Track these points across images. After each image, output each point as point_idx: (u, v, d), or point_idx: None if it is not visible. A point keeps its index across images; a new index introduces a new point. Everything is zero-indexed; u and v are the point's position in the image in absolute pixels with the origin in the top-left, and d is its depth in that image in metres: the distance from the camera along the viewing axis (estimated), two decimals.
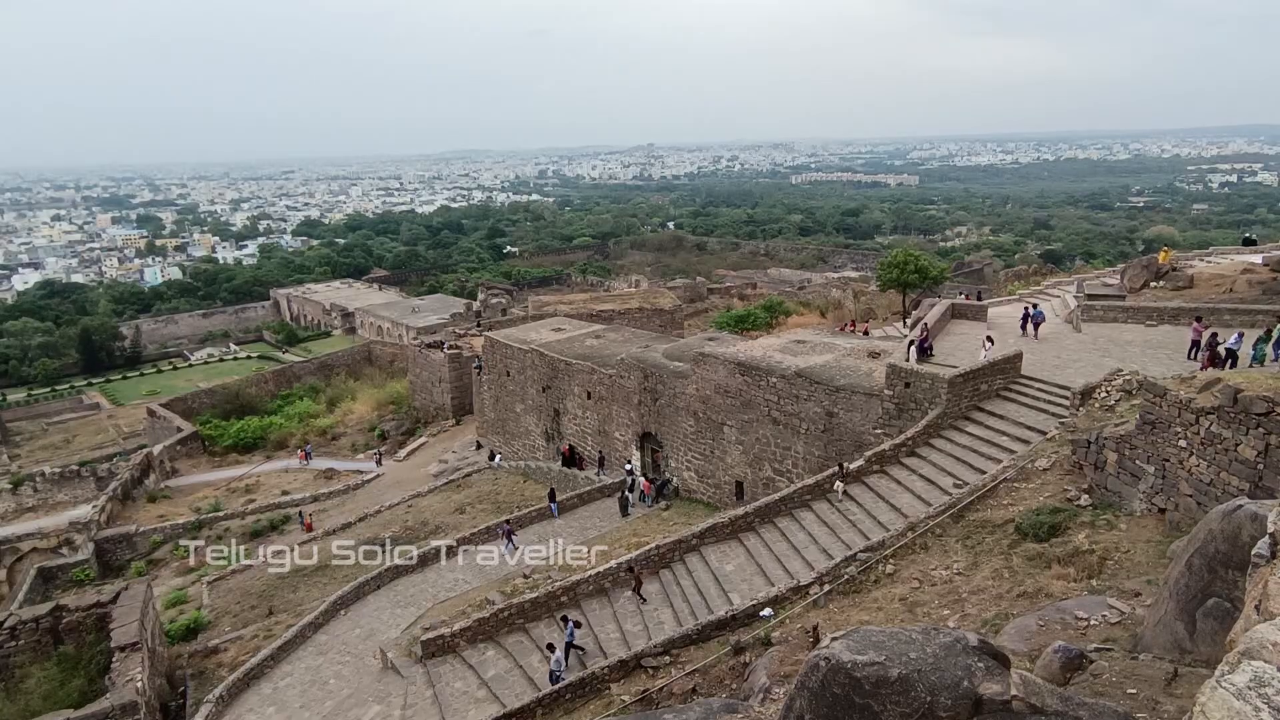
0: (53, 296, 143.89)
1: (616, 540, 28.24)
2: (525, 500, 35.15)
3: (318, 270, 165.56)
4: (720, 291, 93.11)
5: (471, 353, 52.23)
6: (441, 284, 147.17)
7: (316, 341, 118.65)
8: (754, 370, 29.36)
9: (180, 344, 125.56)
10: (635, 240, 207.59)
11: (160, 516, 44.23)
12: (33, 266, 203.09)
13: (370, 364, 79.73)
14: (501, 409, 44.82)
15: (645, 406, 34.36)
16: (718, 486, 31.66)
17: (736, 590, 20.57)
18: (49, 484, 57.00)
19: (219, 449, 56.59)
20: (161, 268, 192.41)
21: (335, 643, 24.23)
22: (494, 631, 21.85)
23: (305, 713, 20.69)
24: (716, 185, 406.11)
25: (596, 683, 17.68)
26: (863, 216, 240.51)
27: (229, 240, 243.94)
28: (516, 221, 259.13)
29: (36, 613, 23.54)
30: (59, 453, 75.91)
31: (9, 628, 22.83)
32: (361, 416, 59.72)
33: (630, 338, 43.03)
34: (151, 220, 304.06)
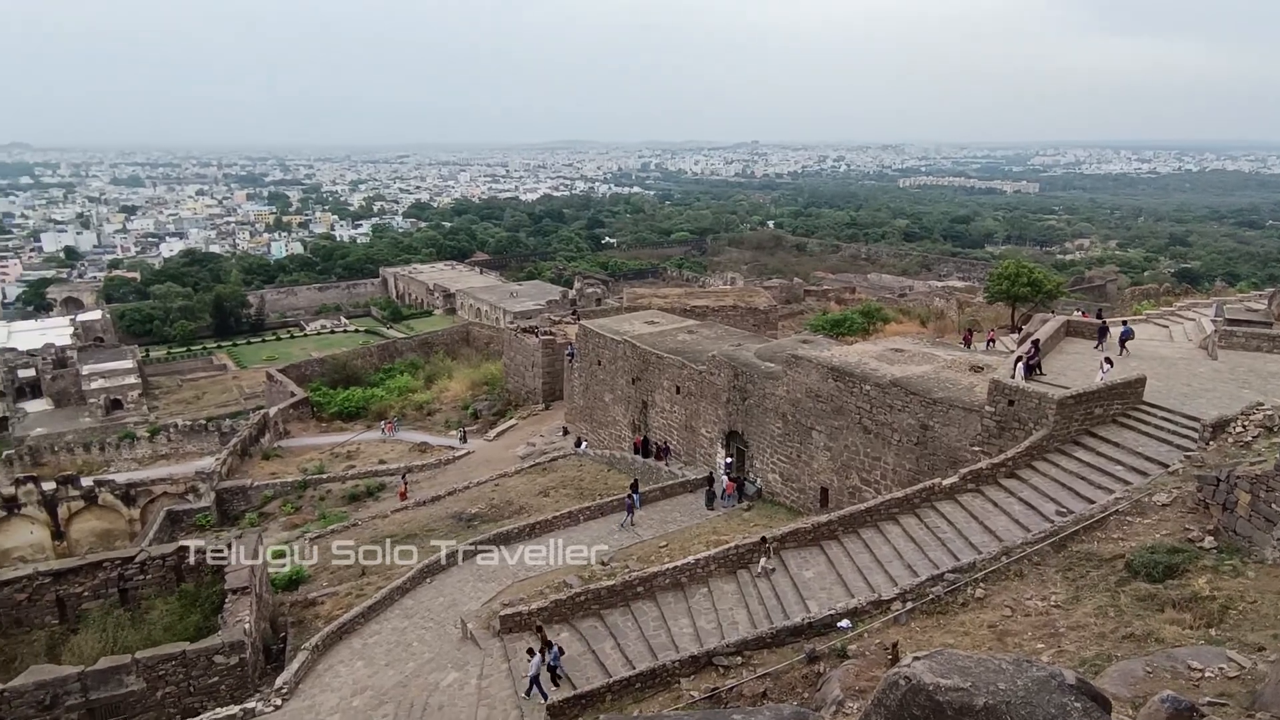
0: (193, 264, 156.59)
1: (695, 537, 28.23)
2: (608, 489, 35.61)
3: (424, 251, 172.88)
4: (817, 294, 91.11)
5: (565, 340, 53.29)
6: (540, 271, 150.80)
7: (419, 320, 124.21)
8: (847, 376, 28.63)
9: (298, 314, 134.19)
10: (733, 238, 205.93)
11: (272, 473, 47.46)
12: (178, 236, 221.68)
13: (468, 344, 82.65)
14: (590, 397, 45.55)
15: (733, 405, 34.13)
16: (802, 491, 31.11)
17: (814, 598, 20.19)
18: (180, 435, 62.35)
19: (325, 415, 60.11)
20: (286, 242, 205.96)
21: (420, 608, 25.36)
22: (569, 614, 22.31)
23: (390, 670, 21.78)
24: (820, 185, 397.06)
25: (667, 675, 17.77)
26: (974, 224, 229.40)
27: (346, 219, 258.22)
28: (616, 213, 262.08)
29: (164, 551, 25.78)
30: (190, 407, 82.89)
31: (139, 563, 25.13)
32: (456, 395, 62.02)
33: (722, 335, 42.80)
34: (280, 198, 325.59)
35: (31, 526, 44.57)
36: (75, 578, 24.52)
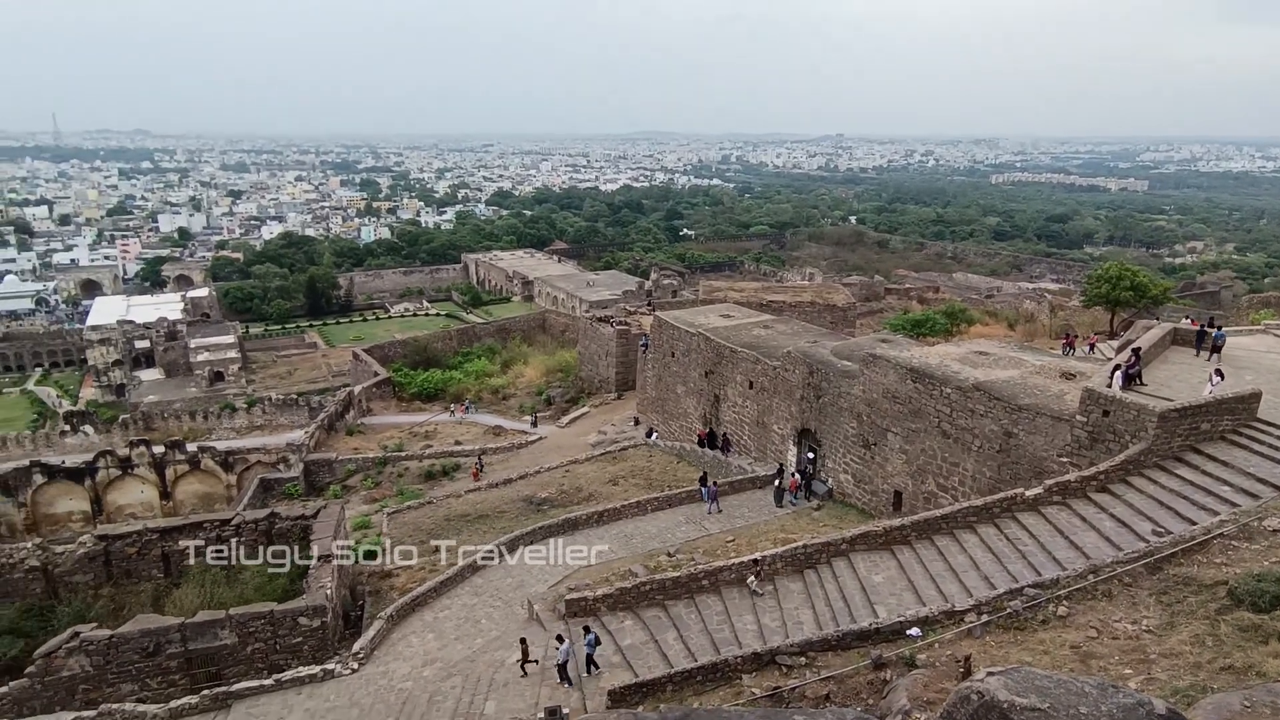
0: (290, 246, 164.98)
1: (762, 533, 27.97)
2: (677, 481, 35.65)
3: (505, 239, 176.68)
4: (898, 292, 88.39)
5: (639, 330, 53.51)
6: (617, 261, 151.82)
7: (497, 305, 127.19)
8: (927, 378, 27.69)
9: (383, 297, 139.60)
10: (814, 232, 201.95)
11: (355, 449, 49.64)
12: (277, 219, 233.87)
13: (543, 331, 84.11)
14: (663, 388, 45.63)
15: (807, 403, 33.55)
16: (874, 493, 30.35)
17: (883, 603, 19.69)
18: (274, 408, 65.93)
19: (406, 395, 62.34)
20: (375, 227, 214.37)
21: (489, 587, 26.08)
22: (634, 603, 22.49)
23: (458, 644, 22.51)
24: (906, 181, 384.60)
25: (729, 670, 17.69)
26: (1071, 223, 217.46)
27: (432, 206, 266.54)
28: (695, 205, 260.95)
29: (256, 516, 27.41)
30: (283, 382, 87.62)
31: (235, 525, 26.81)
32: (531, 381, 63.23)
33: (799, 331, 42.09)
34: (371, 185, 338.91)
35: (142, 486, 48.14)
36: (180, 535, 26.37)
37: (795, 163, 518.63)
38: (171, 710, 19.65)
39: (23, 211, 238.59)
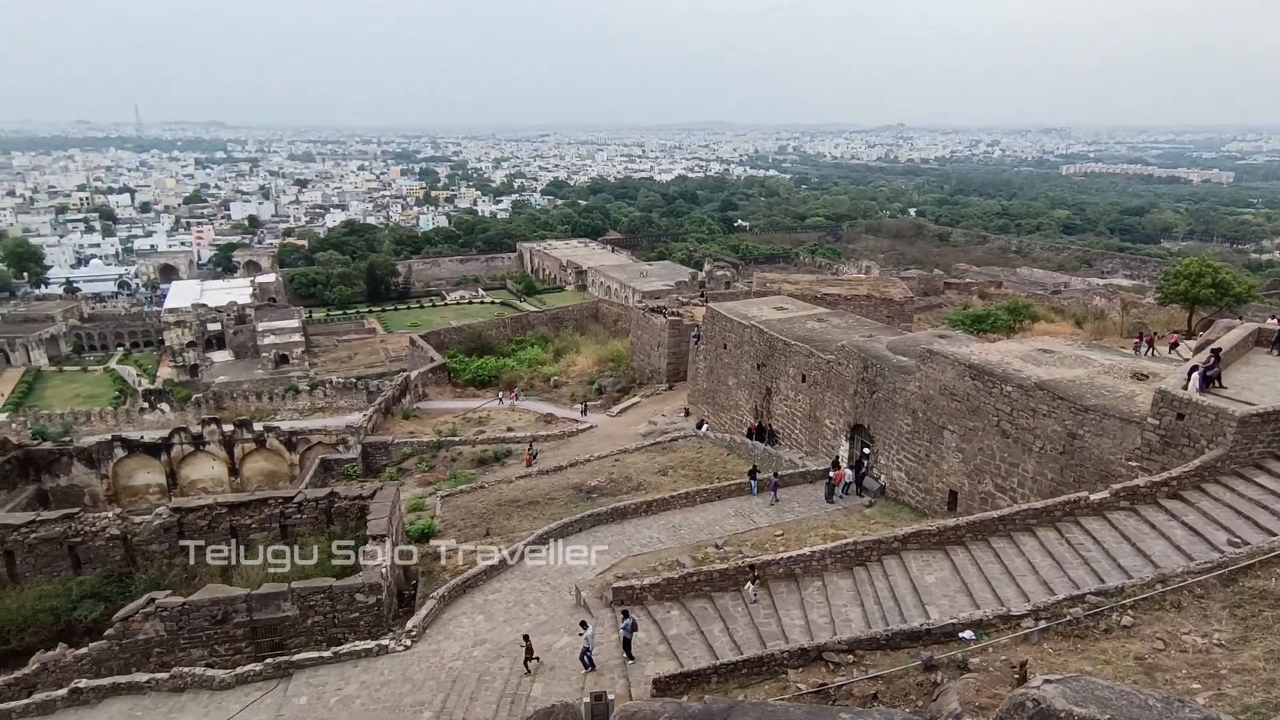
0: (351, 234, 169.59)
1: (812, 529, 27.68)
2: (726, 473, 35.53)
3: (559, 228, 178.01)
4: (959, 287, 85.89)
5: (692, 322, 53.37)
6: (670, 251, 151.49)
7: (551, 294, 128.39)
8: (987, 375, 26.87)
9: (440, 284, 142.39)
10: (871, 225, 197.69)
11: (410, 432, 50.92)
12: (340, 207, 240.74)
13: (596, 321, 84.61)
14: (714, 380, 45.45)
15: (860, 398, 32.98)
16: (928, 492, 29.68)
17: (935, 604, 19.28)
18: (334, 391, 68.08)
19: (460, 381, 63.59)
20: (433, 216, 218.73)
21: (538, 572, 26.48)
22: (680, 593, 22.55)
23: (507, 627, 22.94)
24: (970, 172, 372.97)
25: (774, 665, 17.59)
26: (1148, 217, 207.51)
27: (488, 195, 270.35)
28: (750, 196, 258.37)
29: (317, 495, 28.42)
30: (343, 366, 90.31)
31: (297, 502, 27.86)
32: (583, 369, 63.73)
33: (854, 325, 41.35)
34: (430, 174, 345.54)
35: (213, 462, 50.38)
36: (246, 510, 27.54)
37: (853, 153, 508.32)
38: (238, 676, 20.60)
39: (107, 199, 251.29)
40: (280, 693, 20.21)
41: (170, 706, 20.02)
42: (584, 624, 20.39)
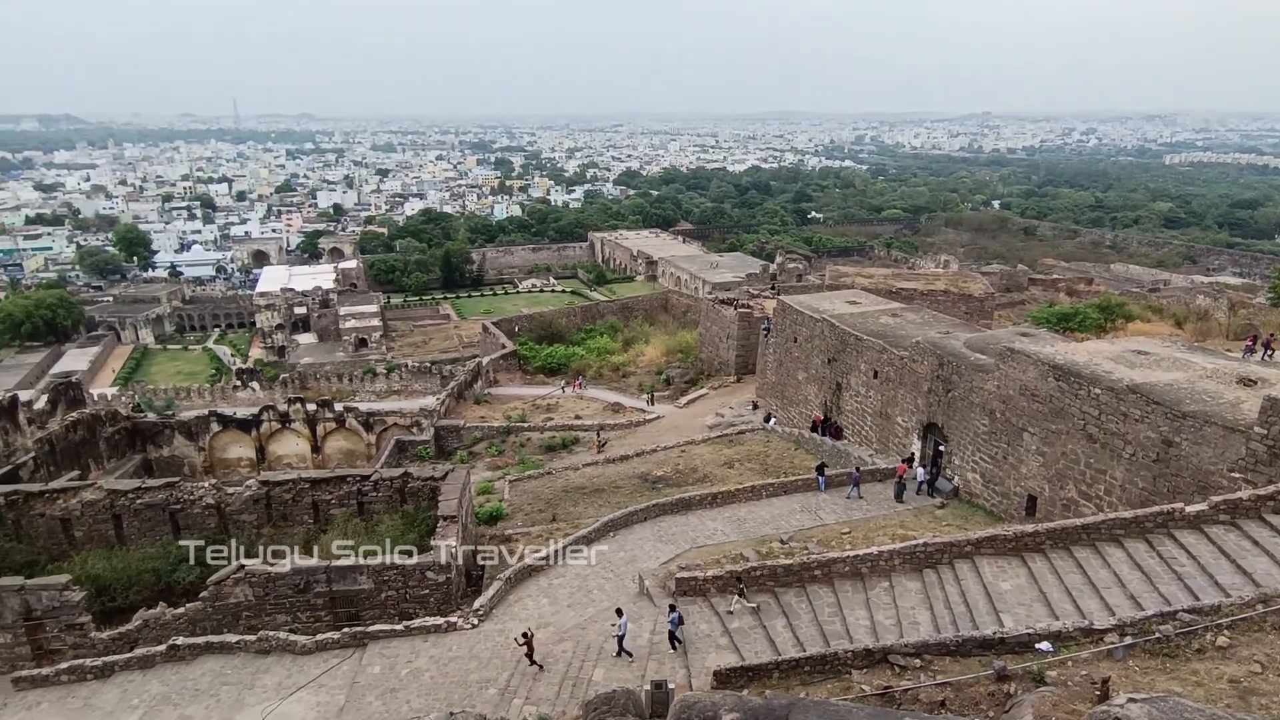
0: (428, 222, 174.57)
1: (880, 528, 27.06)
2: (794, 468, 35.08)
3: (631, 218, 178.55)
4: (1044, 283, 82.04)
5: (762, 314, 52.77)
6: (741, 243, 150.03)
7: (621, 284, 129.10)
8: (1073, 376, 25.59)
9: (512, 272, 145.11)
10: (951, 217, 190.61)
11: (481, 417, 52.23)
12: (418, 196, 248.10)
13: (665, 312, 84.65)
14: (783, 374, 44.87)
15: (935, 396, 31.95)
16: (1005, 496, 28.56)
17: (1010, 612, 18.58)
18: (410, 375, 70.44)
19: (530, 368, 64.78)
20: (507, 205, 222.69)
21: (602, 559, 26.80)
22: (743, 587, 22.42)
23: (570, 611, 23.34)
24: (1061, 162, 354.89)
25: (838, 664, 17.32)
26: (1262, 210, 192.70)
27: (561, 185, 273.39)
28: (825, 187, 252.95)
29: (391, 474, 29.48)
30: (418, 350, 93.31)
31: (373, 481, 28.98)
32: (651, 360, 63.91)
33: (929, 321, 40.06)
34: (504, 164, 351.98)
35: (297, 439, 52.94)
36: (326, 486, 28.82)
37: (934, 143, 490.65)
38: (317, 642, 21.69)
39: (208, 188, 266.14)
40: (355, 661, 21.16)
41: (256, 667, 21.25)
42: (619, 611, 20.63)
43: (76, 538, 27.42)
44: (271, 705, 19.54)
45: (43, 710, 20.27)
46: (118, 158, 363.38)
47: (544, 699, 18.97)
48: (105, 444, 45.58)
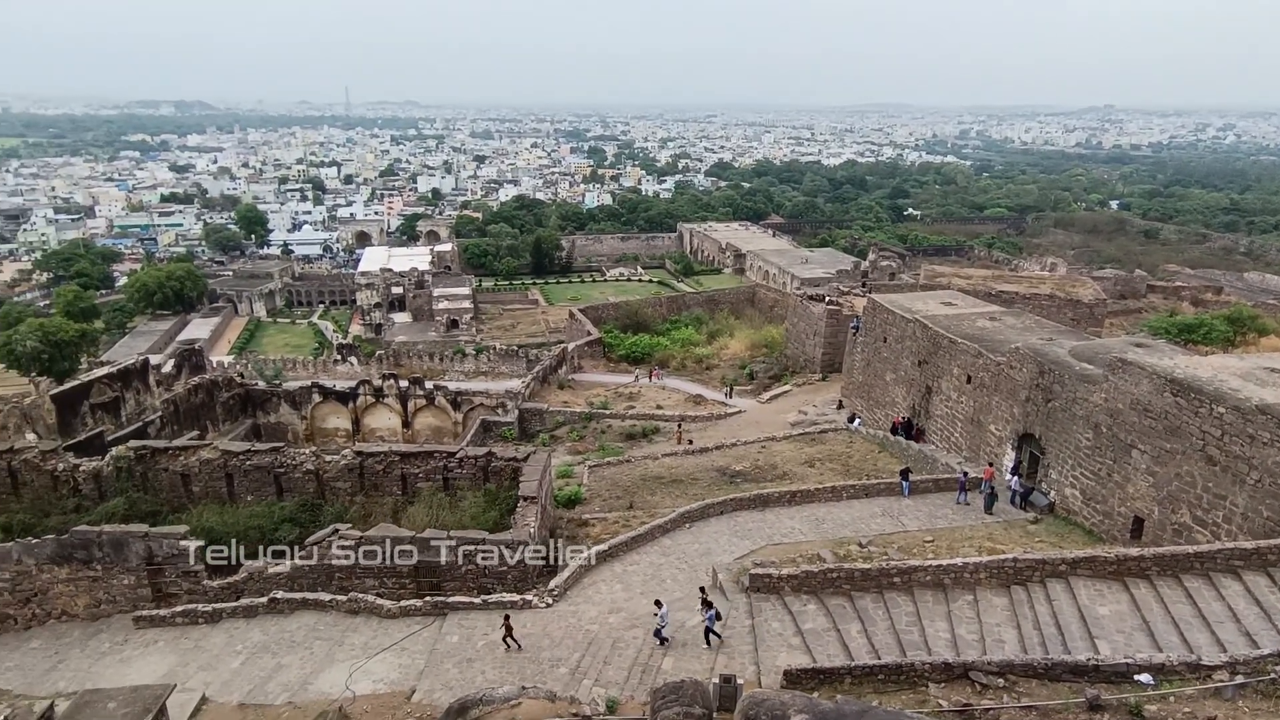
0: (521, 208, 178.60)
1: (966, 539, 25.98)
2: (877, 471, 34.14)
3: (721, 210, 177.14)
4: (1165, 291, 76.41)
5: (851, 312, 51.45)
6: (833, 238, 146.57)
7: (708, 276, 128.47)
8: (1193, 393, 23.74)
9: (601, 260, 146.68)
10: (1061, 218, 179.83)
11: (564, 402, 53.19)
12: (513, 183, 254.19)
13: (752, 305, 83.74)
14: (871, 374, 43.65)
15: (1033, 405, 30.33)
16: (1108, 515, 26.86)
17: (1107, 638, 17.52)
18: (497, 357, 72.46)
19: (614, 356, 65.42)
20: (598, 194, 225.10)
21: (677, 549, 26.88)
22: (818, 587, 22.03)
23: (643, 599, 23.50)
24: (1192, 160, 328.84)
25: (914, 675, 16.79)
26: None
27: (652, 174, 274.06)
28: (924, 183, 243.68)
29: (476, 453, 30.47)
30: (506, 334, 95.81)
31: (459, 458, 30.04)
32: (735, 353, 63.42)
33: (1031, 326, 38.02)
34: (598, 152, 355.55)
35: (390, 413, 55.48)
36: (415, 460, 30.09)
37: (1047, 138, 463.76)
38: (401, 608, 22.75)
39: (319, 171, 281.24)
40: (435, 629, 22.06)
41: (346, 626, 22.49)
42: (658, 603, 20.66)
43: (194, 492, 29.71)
44: (359, 663, 20.63)
45: (159, 648, 22.12)
46: (242, 142, 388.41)
47: (613, 682, 19.24)
48: (221, 408, 49.14)
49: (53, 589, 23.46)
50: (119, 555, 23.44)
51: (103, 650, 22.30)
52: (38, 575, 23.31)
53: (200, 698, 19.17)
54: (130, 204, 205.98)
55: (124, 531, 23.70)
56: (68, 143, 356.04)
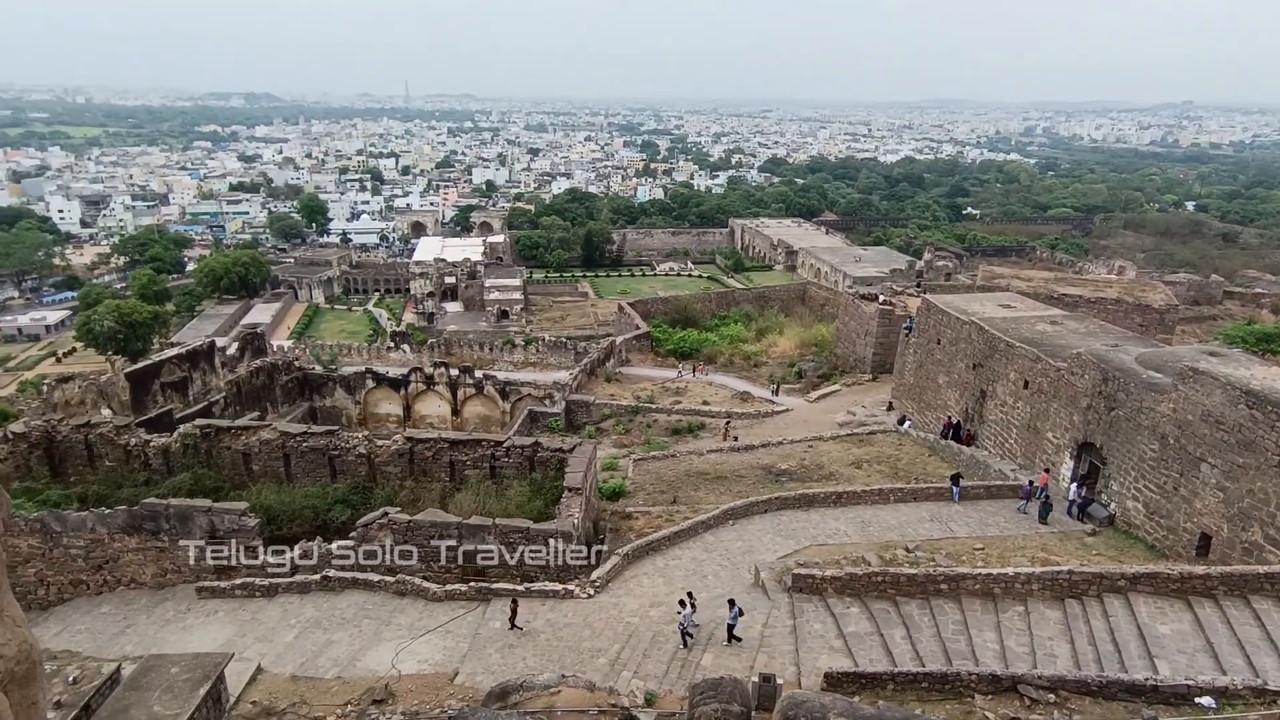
0: (573, 201, 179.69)
1: (1018, 548, 25.24)
2: (926, 474, 33.43)
3: (773, 206, 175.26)
4: (1243, 297, 72.69)
5: (904, 312, 50.39)
6: (888, 237, 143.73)
7: (758, 273, 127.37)
8: (1271, 405, 22.55)
9: (651, 255, 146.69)
10: (1132, 219, 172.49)
11: (611, 395, 53.41)
12: (565, 176, 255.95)
13: (802, 303, 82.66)
14: (923, 376, 42.70)
15: (1095, 414, 29.24)
16: (1172, 531, 25.76)
17: (1166, 658, 16.85)
18: (546, 348, 73.13)
19: (661, 351, 65.39)
20: (650, 188, 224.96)
21: (719, 546, 26.81)
22: (862, 591, 21.72)
23: (684, 594, 23.52)
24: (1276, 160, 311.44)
25: (960, 685, 16.44)
26: None
27: (705, 169, 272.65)
28: (985, 182, 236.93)
29: (523, 443, 30.87)
30: (555, 325, 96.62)
31: (506, 447, 30.48)
32: (784, 351, 62.74)
33: (1095, 331, 36.63)
34: (650, 146, 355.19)
35: (440, 401, 56.59)
36: (463, 448, 30.65)
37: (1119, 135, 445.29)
38: (446, 592, 23.26)
39: (378, 163, 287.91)
40: (479, 614, 22.48)
41: (393, 606, 23.11)
42: (682, 602, 20.63)
43: (254, 471, 30.85)
44: (404, 643, 21.18)
45: (219, 618, 23.10)
46: (306, 133, 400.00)
47: (652, 675, 19.31)
48: (280, 390, 50.87)
49: (123, 557, 24.69)
50: (184, 528, 24.53)
51: (167, 617, 23.39)
52: (110, 544, 24.56)
53: (256, 667, 19.95)
54: (201, 192, 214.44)
55: (189, 505, 24.79)
56: (145, 133, 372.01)
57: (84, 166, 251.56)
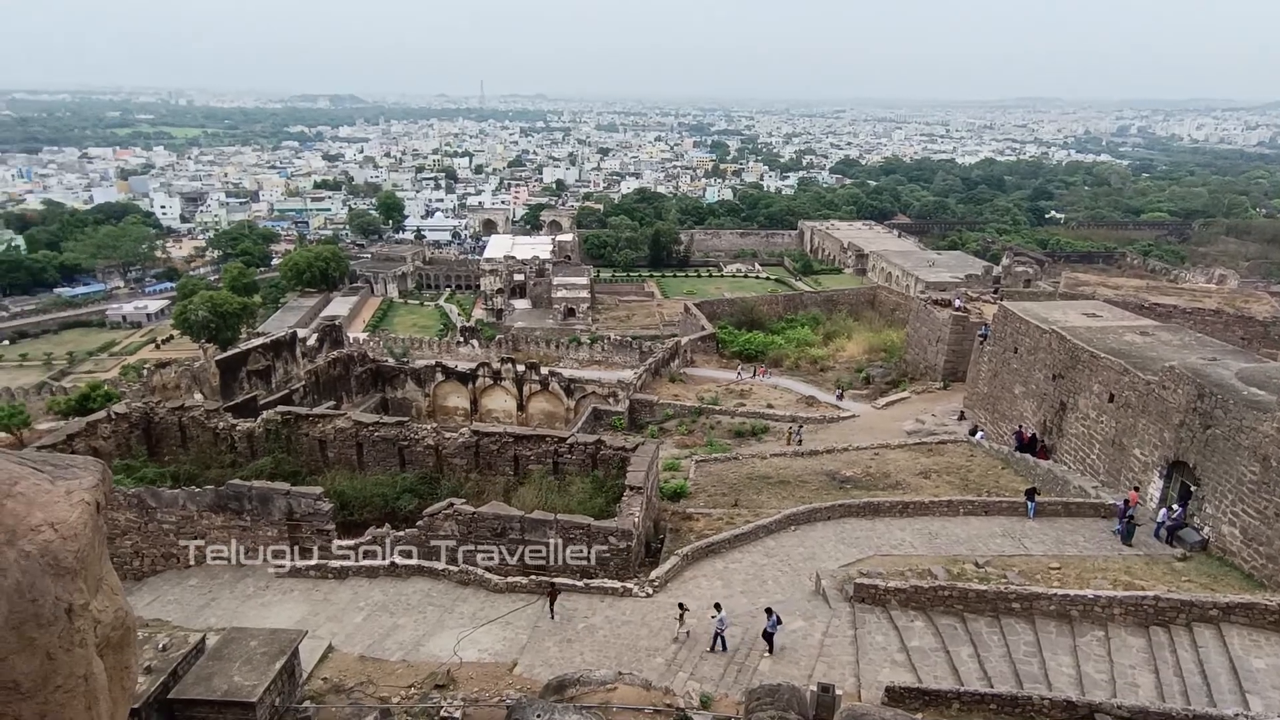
0: (642, 201, 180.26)
1: (1099, 570, 24.02)
2: (998, 488, 32.20)
3: (844, 209, 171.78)
4: None
5: (979, 319, 48.65)
6: (964, 241, 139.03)
7: (827, 276, 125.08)
8: None
9: (718, 256, 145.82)
10: (1235, 225, 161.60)
11: (674, 395, 53.37)
12: (634, 175, 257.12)
13: (872, 308, 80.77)
14: (997, 386, 41.14)
15: (1187, 431, 27.57)
16: (1272, 559, 24.04)
17: (1261, 694, 15.77)
18: (611, 347, 73.71)
19: (727, 352, 64.90)
20: (719, 188, 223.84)
21: (780, 551, 26.46)
22: (927, 604, 21.09)
23: (743, 598, 23.34)
24: None
25: (1031, 709, 15.78)
26: None
27: (775, 170, 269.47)
28: (1072, 184, 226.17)
29: (586, 440, 31.16)
30: (621, 324, 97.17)
31: (569, 444, 30.83)
32: (852, 356, 61.43)
33: (1190, 344, 34.56)
34: (720, 147, 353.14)
35: (506, 396, 57.72)
36: (528, 443, 31.16)
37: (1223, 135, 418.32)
38: (508, 584, 23.71)
39: (452, 162, 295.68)
40: (539, 607, 22.83)
41: (456, 595, 23.71)
42: (717, 606, 20.40)
43: (329, 457, 32.14)
44: (466, 631, 21.70)
45: (294, 597, 24.17)
46: (385, 133, 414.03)
47: (708, 678, 19.23)
48: (355, 381, 52.87)
49: (209, 534, 26.10)
50: (265, 509, 25.76)
51: (248, 594, 24.62)
52: (198, 520, 26.01)
53: (327, 646, 20.78)
54: (288, 189, 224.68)
55: (270, 488, 26.01)
56: (239, 133, 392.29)
57: (184, 165, 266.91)
